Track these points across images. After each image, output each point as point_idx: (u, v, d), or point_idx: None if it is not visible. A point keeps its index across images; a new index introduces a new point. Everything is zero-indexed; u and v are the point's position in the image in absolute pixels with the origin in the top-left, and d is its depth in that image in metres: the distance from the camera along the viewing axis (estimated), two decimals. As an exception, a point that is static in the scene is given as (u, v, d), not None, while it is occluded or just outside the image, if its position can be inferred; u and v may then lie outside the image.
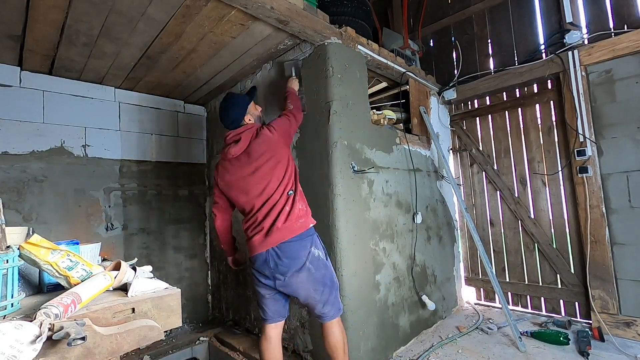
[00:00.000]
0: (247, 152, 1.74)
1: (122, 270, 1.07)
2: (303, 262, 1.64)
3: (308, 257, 1.65)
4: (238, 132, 1.78)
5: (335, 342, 1.71)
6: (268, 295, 1.76)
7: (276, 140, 1.74)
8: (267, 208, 1.68)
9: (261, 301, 1.80)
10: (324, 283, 1.69)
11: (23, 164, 2.37)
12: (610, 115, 2.54)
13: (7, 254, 0.87)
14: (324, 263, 1.72)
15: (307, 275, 1.65)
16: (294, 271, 1.63)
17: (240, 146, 1.74)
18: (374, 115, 2.57)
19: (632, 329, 2.39)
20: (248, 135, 1.76)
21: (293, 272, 1.64)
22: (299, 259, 1.64)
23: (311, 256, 1.66)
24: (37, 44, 2.08)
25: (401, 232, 2.54)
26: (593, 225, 2.57)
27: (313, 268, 1.66)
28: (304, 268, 1.64)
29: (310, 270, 1.65)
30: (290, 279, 1.64)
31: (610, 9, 2.62)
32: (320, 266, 1.69)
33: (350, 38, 2.32)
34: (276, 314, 1.80)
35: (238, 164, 1.76)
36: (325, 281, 1.70)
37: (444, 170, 3.10)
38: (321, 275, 1.68)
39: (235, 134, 1.79)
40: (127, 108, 2.90)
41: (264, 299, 1.78)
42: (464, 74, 3.35)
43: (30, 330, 0.71)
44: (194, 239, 3.25)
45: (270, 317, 1.79)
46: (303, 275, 1.64)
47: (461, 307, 3.21)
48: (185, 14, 1.87)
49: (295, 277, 1.64)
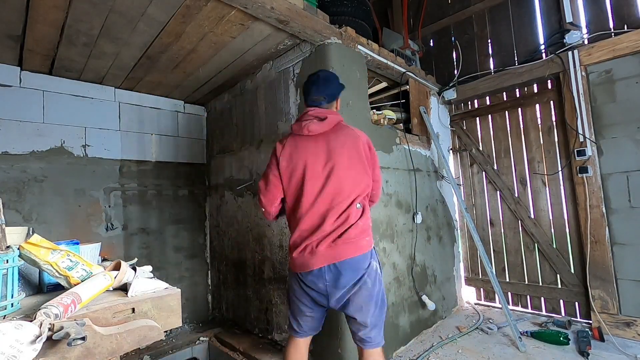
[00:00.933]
0: (328, 137, 1.50)
1: (122, 270, 1.07)
2: (362, 274, 1.43)
3: (367, 269, 1.44)
4: (326, 111, 1.54)
5: None
6: (309, 313, 1.54)
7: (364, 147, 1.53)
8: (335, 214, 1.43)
9: (298, 316, 1.57)
10: (376, 302, 1.48)
11: (23, 164, 2.37)
12: (610, 115, 2.54)
13: (7, 254, 0.87)
14: (379, 279, 1.51)
15: (363, 289, 1.43)
16: (352, 284, 1.42)
17: (324, 125, 1.50)
18: (374, 115, 2.57)
19: (632, 329, 2.39)
20: (335, 119, 1.53)
21: (351, 286, 1.42)
22: (359, 271, 1.42)
23: (370, 268, 1.45)
24: (37, 44, 2.08)
25: (401, 232, 2.54)
26: (593, 225, 2.57)
27: (370, 282, 1.44)
28: (361, 280, 1.42)
29: (367, 283, 1.43)
30: (346, 293, 1.43)
31: (610, 9, 2.62)
32: (377, 281, 1.48)
33: (350, 38, 2.32)
34: (311, 330, 1.60)
35: (314, 146, 1.50)
36: (378, 300, 1.49)
37: (444, 170, 3.10)
38: (376, 291, 1.47)
39: (323, 111, 1.53)
40: (127, 108, 2.90)
41: (303, 315, 1.55)
42: (464, 74, 3.35)
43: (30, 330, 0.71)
44: (194, 239, 3.25)
45: (304, 332, 1.59)
46: (359, 289, 1.43)
47: (461, 307, 3.21)
48: (185, 14, 1.87)
49: (351, 291, 1.43)
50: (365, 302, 1.44)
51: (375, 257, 1.52)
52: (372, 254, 1.49)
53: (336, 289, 1.42)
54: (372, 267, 1.47)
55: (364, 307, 1.44)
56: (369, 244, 1.47)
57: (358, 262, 1.42)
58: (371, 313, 1.46)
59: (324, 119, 1.50)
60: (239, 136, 2.91)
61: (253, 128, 2.75)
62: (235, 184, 2.90)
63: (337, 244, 1.41)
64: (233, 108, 2.99)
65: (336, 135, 1.51)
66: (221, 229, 3.13)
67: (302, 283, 1.49)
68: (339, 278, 1.40)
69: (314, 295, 1.48)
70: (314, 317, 1.56)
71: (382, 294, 1.52)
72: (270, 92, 2.56)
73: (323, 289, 1.44)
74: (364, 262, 1.44)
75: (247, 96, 2.82)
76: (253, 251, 2.70)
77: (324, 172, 1.47)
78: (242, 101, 2.88)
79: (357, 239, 1.43)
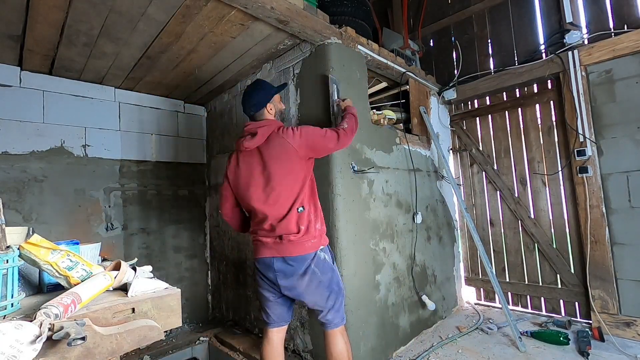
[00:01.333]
0: (261, 150, 1.64)
1: (122, 270, 1.07)
2: (308, 265, 1.56)
3: (313, 259, 1.58)
4: (257, 125, 1.66)
5: (339, 352, 1.62)
6: (272, 299, 1.69)
7: (295, 147, 1.60)
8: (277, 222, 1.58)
9: (265, 304, 1.72)
10: (331, 288, 1.62)
11: (23, 164, 2.37)
12: (610, 115, 2.54)
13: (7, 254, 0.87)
14: (330, 267, 1.64)
15: (312, 278, 1.57)
16: (299, 274, 1.56)
17: (255, 141, 1.63)
18: (374, 115, 2.57)
19: (632, 329, 2.39)
20: (267, 131, 1.64)
21: (298, 275, 1.56)
22: (304, 261, 1.56)
23: (316, 258, 1.59)
24: (37, 44, 2.08)
25: (401, 232, 2.54)
26: (593, 225, 2.57)
27: (319, 271, 1.58)
28: (308, 270, 1.56)
29: (315, 273, 1.57)
30: (295, 282, 1.57)
31: (610, 9, 2.62)
32: (327, 269, 1.62)
33: (350, 38, 2.32)
34: (280, 319, 1.72)
35: (249, 160, 1.66)
36: (332, 286, 1.63)
37: (444, 170, 3.10)
38: (327, 279, 1.61)
39: (254, 126, 1.67)
40: (127, 108, 2.90)
41: (268, 302, 1.70)
42: (464, 74, 3.35)
43: (30, 330, 0.71)
44: (194, 239, 3.25)
45: (274, 322, 1.72)
46: (307, 278, 1.56)
47: (461, 307, 3.21)
48: (185, 14, 1.87)
49: (301, 280, 1.57)
50: (316, 289, 1.59)
51: (326, 250, 1.67)
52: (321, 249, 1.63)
53: (285, 279, 1.59)
54: (319, 257, 1.60)
55: (316, 293, 1.60)
56: (313, 246, 1.59)
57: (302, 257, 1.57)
58: (325, 298, 1.61)
59: (254, 134, 1.65)
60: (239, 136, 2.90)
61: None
62: (235, 184, 2.89)
63: (282, 242, 1.58)
64: (233, 108, 2.99)
65: (268, 147, 1.64)
66: (221, 229, 3.13)
67: (258, 271, 1.69)
68: (285, 269, 1.58)
69: (269, 284, 1.66)
70: (278, 303, 1.70)
71: (336, 279, 1.66)
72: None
73: (273, 278, 1.61)
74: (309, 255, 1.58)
75: (247, 96, 2.81)
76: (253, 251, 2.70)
77: (262, 183, 1.63)
78: (242, 101, 2.87)
79: (300, 241, 1.57)
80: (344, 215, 2.05)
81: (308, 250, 1.57)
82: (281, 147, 1.62)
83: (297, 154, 1.62)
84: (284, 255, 1.57)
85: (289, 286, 1.60)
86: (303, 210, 1.60)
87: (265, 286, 1.69)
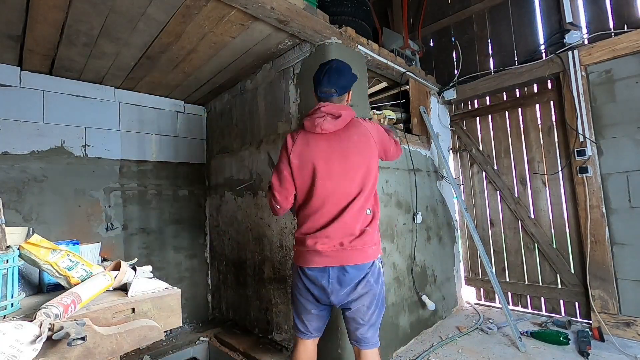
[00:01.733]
0: (340, 136, 1.47)
1: (122, 270, 1.07)
2: (366, 273, 1.43)
3: (371, 268, 1.45)
4: (340, 108, 1.47)
5: None
6: (315, 312, 1.53)
7: (376, 141, 1.50)
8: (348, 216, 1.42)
9: (303, 315, 1.55)
10: (377, 302, 1.48)
11: (23, 164, 2.37)
12: (610, 115, 2.54)
13: (7, 254, 0.87)
14: (382, 278, 1.51)
15: (365, 287, 1.43)
16: (355, 282, 1.42)
17: (338, 123, 1.45)
18: (374, 115, 2.57)
19: (632, 329, 2.39)
20: (349, 115, 1.48)
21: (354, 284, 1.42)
22: (362, 270, 1.43)
23: (373, 267, 1.46)
24: (37, 44, 2.08)
25: (401, 232, 2.54)
26: (593, 225, 2.57)
27: (372, 280, 1.44)
28: (364, 278, 1.43)
29: (369, 282, 1.43)
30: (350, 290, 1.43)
31: (610, 9, 2.62)
32: (379, 281, 1.48)
33: (350, 38, 2.32)
34: (316, 331, 1.58)
35: (327, 144, 1.46)
36: (379, 300, 1.49)
37: (444, 170, 3.10)
38: (378, 290, 1.47)
39: (337, 108, 1.47)
40: (127, 108, 2.90)
41: (309, 314, 1.53)
42: (464, 74, 3.35)
43: (30, 330, 0.71)
44: (194, 239, 3.25)
45: (310, 333, 1.57)
46: (361, 286, 1.43)
47: (461, 307, 3.21)
48: (185, 14, 1.87)
49: (355, 289, 1.43)
50: (366, 300, 1.44)
51: (379, 258, 1.52)
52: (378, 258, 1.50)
53: (340, 287, 1.42)
54: (375, 266, 1.47)
55: (365, 304, 1.45)
56: (374, 253, 1.46)
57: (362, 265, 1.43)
58: (371, 311, 1.46)
59: (338, 116, 1.45)
60: (238, 136, 2.91)
61: (253, 128, 2.75)
62: (235, 184, 2.90)
63: (344, 249, 1.41)
64: (233, 108, 2.99)
65: (349, 135, 1.47)
66: (221, 229, 3.13)
67: (305, 278, 1.48)
68: (343, 277, 1.41)
69: (316, 292, 1.47)
70: (318, 315, 1.54)
71: (382, 294, 1.52)
72: (270, 92, 2.56)
73: (326, 285, 1.43)
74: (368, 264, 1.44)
75: (247, 96, 2.82)
76: (253, 251, 2.70)
77: (335, 173, 1.45)
78: (242, 101, 2.88)
79: (364, 247, 1.43)
80: (344, 215, 2.04)
81: (370, 257, 1.44)
82: (364, 136, 1.48)
83: (376, 148, 1.51)
84: (343, 264, 1.41)
85: (340, 294, 1.44)
86: (370, 213, 1.48)
87: (309, 297, 1.51)
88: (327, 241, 1.42)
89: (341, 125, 1.47)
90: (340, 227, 1.42)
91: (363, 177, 1.46)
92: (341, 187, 1.44)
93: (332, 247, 1.41)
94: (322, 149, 1.47)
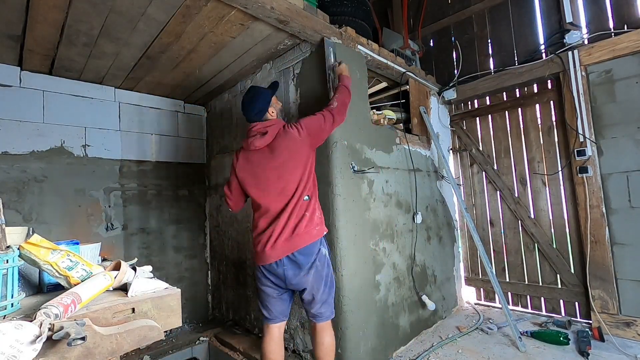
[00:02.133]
0: (271, 147, 1.74)
1: (122, 270, 1.07)
2: (314, 259, 1.68)
3: (318, 254, 1.70)
4: (265, 125, 1.75)
5: (328, 343, 1.73)
6: (275, 295, 1.77)
7: (301, 140, 1.72)
8: (287, 212, 1.68)
9: (266, 301, 1.79)
10: (326, 282, 1.73)
11: (23, 164, 2.37)
12: (610, 115, 2.54)
13: (7, 254, 0.87)
14: (328, 262, 1.76)
15: (315, 272, 1.69)
16: (307, 268, 1.67)
17: (265, 139, 1.73)
18: (374, 115, 2.57)
19: (632, 329, 2.39)
20: (275, 129, 1.75)
21: (306, 270, 1.67)
22: (311, 255, 1.68)
23: (319, 254, 1.71)
24: (37, 44, 2.08)
25: (401, 232, 2.54)
26: (593, 225, 2.57)
27: (320, 265, 1.70)
28: (314, 265, 1.68)
29: (317, 267, 1.69)
30: (302, 276, 1.67)
31: (610, 9, 2.62)
32: (325, 264, 1.74)
33: (350, 38, 2.32)
34: (280, 314, 1.81)
35: (261, 157, 1.75)
36: (327, 280, 1.74)
37: (444, 170, 3.10)
38: (325, 273, 1.73)
39: (263, 126, 1.76)
40: (127, 108, 2.90)
41: (271, 298, 1.78)
42: (464, 74, 3.35)
43: (30, 330, 0.71)
44: (194, 239, 3.25)
45: (275, 317, 1.80)
46: (312, 272, 1.68)
47: (461, 307, 3.21)
48: (185, 14, 1.87)
49: (306, 274, 1.67)
50: (316, 282, 1.70)
51: (325, 244, 1.78)
52: (321, 242, 1.74)
53: (293, 273, 1.68)
54: (322, 252, 1.73)
55: (315, 286, 1.70)
56: (319, 233, 1.72)
57: (310, 249, 1.68)
58: (321, 291, 1.72)
59: (265, 133, 1.74)
60: (239, 136, 2.91)
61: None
62: (235, 184, 2.89)
63: (292, 237, 1.67)
64: (233, 108, 2.99)
65: (278, 144, 1.73)
66: (221, 229, 3.13)
67: (265, 271, 1.75)
68: (294, 264, 1.67)
69: (275, 280, 1.73)
70: (279, 299, 1.78)
71: (330, 275, 1.78)
72: (270, 92, 2.56)
73: (282, 273, 1.69)
74: (315, 248, 1.70)
75: (247, 96, 2.81)
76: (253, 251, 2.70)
77: (271, 178, 1.72)
78: (242, 101, 2.87)
79: (307, 229, 1.68)
80: (343, 215, 2.05)
81: (314, 237, 1.69)
82: (290, 141, 1.72)
83: (304, 146, 1.73)
84: (293, 251, 1.66)
85: (294, 280, 1.68)
86: (309, 199, 1.73)
87: (269, 283, 1.76)
88: (274, 238, 1.68)
89: (269, 140, 1.74)
90: (283, 224, 1.68)
91: (298, 177, 1.71)
92: (278, 191, 1.71)
93: (279, 242, 1.67)
94: (258, 163, 1.76)
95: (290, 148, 1.71)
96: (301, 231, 1.67)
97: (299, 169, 1.72)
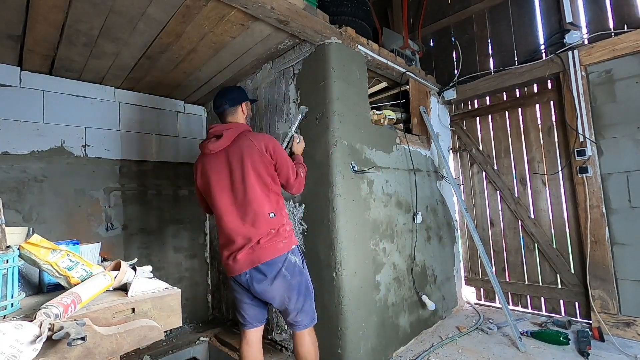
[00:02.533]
0: (226, 153, 1.63)
1: (122, 270, 1.07)
2: (279, 268, 1.59)
3: (284, 263, 1.60)
4: (223, 127, 1.67)
5: (306, 352, 1.66)
6: (248, 301, 1.73)
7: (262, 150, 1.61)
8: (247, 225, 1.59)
9: (240, 307, 1.76)
10: (299, 291, 1.64)
11: (23, 164, 2.37)
12: (610, 115, 2.54)
13: (7, 254, 0.87)
14: (299, 270, 1.66)
15: (282, 282, 1.59)
16: (271, 278, 1.58)
17: (221, 143, 1.63)
18: (374, 115, 2.57)
19: (632, 329, 2.39)
20: (233, 133, 1.65)
21: (270, 280, 1.59)
22: (275, 265, 1.59)
23: (287, 262, 1.61)
24: (37, 44, 2.08)
25: (401, 232, 2.54)
26: (593, 225, 2.57)
27: (288, 274, 1.61)
28: (279, 274, 1.59)
29: (286, 276, 1.60)
30: (267, 286, 1.59)
31: (610, 9, 2.62)
32: (296, 273, 1.64)
33: (350, 38, 2.32)
34: (255, 320, 1.76)
35: (215, 162, 1.65)
36: (301, 289, 1.65)
37: (444, 170, 3.10)
38: (297, 282, 1.63)
39: (221, 128, 1.67)
40: (127, 108, 2.90)
41: (244, 304, 1.74)
42: (464, 74, 3.35)
43: (30, 330, 0.71)
44: (194, 239, 3.25)
45: (249, 323, 1.76)
46: (278, 281, 1.59)
47: (461, 307, 3.21)
48: (185, 14, 1.87)
49: (272, 284, 1.59)
50: (286, 291, 1.61)
51: (297, 252, 1.69)
52: (292, 251, 1.65)
53: (257, 284, 1.60)
54: (290, 261, 1.62)
55: (286, 295, 1.61)
56: (286, 246, 1.62)
57: (274, 261, 1.59)
58: (295, 300, 1.63)
59: (220, 136, 1.64)
60: (239, 136, 2.91)
61: (253, 128, 2.74)
62: (235, 184, 2.89)
63: (254, 250, 1.58)
64: (233, 108, 2.99)
65: (234, 149, 1.62)
66: (221, 229, 3.12)
67: (233, 280, 1.71)
68: (258, 275, 1.59)
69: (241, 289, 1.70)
70: (251, 304, 1.73)
71: (305, 283, 1.68)
72: (270, 92, 2.56)
73: (246, 282, 1.63)
74: (279, 260, 1.60)
75: (247, 96, 2.81)
76: (253, 251, 2.70)
77: (227, 186, 1.63)
78: (242, 101, 2.87)
79: (272, 243, 1.58)
80: (343, 215, 2.05)
81: (281, 251, 1.60)
82: (249, 148, 1.61)
83: (264, 157, 1.61)
84: (256, 264, 1.58)
85: (260, 290, 1.61)
86: (274, 216, 1.63)
87: (240, 290, 1.72)
88: (237, 250, 1.60)
89: (225, 144, 1.64)
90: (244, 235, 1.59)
91: (253, 185, 1.60)
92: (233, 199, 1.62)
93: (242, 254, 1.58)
94: (212, 167, 1.66)
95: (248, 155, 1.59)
96: (265, 244, 1.58)
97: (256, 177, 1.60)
